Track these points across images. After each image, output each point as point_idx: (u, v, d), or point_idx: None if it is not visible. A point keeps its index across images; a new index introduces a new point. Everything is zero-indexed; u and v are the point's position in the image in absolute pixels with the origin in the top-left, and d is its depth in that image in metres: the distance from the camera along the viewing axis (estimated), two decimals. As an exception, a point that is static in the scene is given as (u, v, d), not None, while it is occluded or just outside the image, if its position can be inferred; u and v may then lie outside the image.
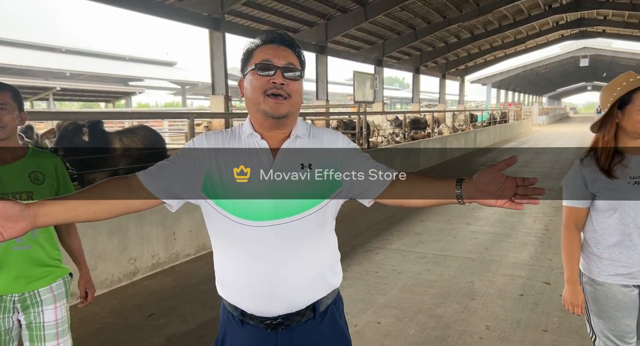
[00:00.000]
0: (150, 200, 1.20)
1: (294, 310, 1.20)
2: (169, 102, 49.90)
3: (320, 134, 1.28)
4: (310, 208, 1.19)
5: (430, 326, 2.99)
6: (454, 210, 6.40)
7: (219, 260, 1.25)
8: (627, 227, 1.69)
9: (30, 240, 1.74)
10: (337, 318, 1.29)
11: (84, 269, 1.99)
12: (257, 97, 1.18)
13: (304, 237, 1.19)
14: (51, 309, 1.79)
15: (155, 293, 3.65)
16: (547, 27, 21.35)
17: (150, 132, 6.29)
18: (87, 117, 5.63)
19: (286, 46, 1.22)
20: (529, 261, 4.24)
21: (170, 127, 16.22)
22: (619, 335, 1.73)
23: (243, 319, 1.23)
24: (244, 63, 1.24)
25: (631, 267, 1.70)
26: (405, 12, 14.25)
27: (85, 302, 1.98)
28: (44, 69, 18.92)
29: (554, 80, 49.65)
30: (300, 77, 1.21)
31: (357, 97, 10.93)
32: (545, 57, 36.66)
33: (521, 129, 24.80)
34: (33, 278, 1.74)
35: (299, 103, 1.22)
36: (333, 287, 1.28)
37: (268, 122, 1.19)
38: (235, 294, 1.23)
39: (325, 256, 1.26)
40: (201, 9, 9.45)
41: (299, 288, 1.20)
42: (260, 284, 1.18)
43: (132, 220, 3.89)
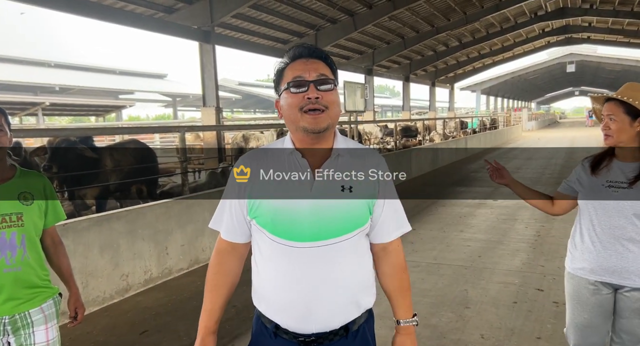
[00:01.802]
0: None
1: (328, 330, 1.22)
2: (159, 114, 49.76)
3: (363, 154, 1.27)
4: (349, 232, 1.21)
5: (425, 337, 2.99)
6: (446, 218, 6.43)
7: (259, 274, 1.27)
8: (591, 225, 1.85)
9: (20, 262, 1.72)
10: (368, 337, 1.31)
11: (74, 288, 1.98)
12: (294, 115, 1.18)
13: (342, 260, 1.21)
14: (42, 330, 1.77)
15: (148, 309, 3.61)
16: (534, 34, 21.71)
17: (140, 146, 6.27)
18: (77, 133, 5.59)
19: (315, 58, 1.21)
20: (522, 268, 4.26)
21: (162, 140, 16.17)
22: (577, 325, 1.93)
23: (277, 332, 1.24)
24: (277, 83, 1.23)
25: (591, 263, 1.85)
26: (394, 21, 14.43)
27: (75, 322, 1.96)
28: (33, 84, 18.82)
29: (542, 86, 50.30)
30: (335, 86, 1.21)
31: (348, 107, 10.98)
32: (532, 63, 37.21)
33: (511, 135, 25.04)
34: (23, 300, 1.73)
35: (337, 113, 1.22)
36: (366, 308, 1.30)
37: (309, 137, 1.19)
38: (272, 309, 1.24)
39: (361, 278, 1.27)
40: (191, 22, 9.49)
41: (334, 310, 1.21)
42: (296, 304, 1.20)
43: (124, 236, 3.86)
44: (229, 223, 1.29)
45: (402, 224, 1.35)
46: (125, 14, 8.75)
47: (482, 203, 7.38)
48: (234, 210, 1.27)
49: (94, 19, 8.28)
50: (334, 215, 1.18)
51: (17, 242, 1.71)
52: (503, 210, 6.80)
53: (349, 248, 1.21)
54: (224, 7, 9.42)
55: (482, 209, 6.94)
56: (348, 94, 11.19)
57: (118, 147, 6.01)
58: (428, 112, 25.19)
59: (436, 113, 24.70)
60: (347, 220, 1.20)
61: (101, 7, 8.30)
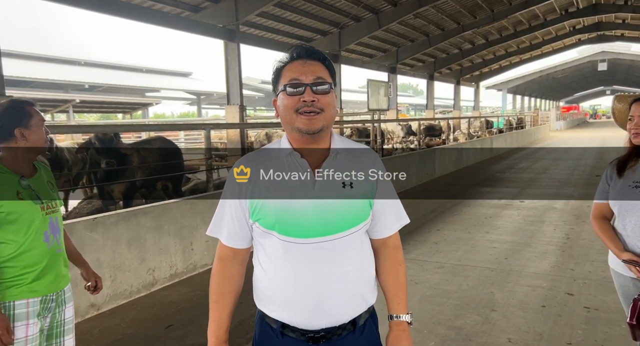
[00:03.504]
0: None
1: (337, 324, 1.23)
2: (184, 112, 50.60)
3: (359, 153, 1.30)
4: (354, 226, 1.24)
5: (450, 339, 2.94)
6: (471, 218, 6.32)
7: (262, 275, 1.27)
8: (622, 226, 1.88)
9: (62, 243, 1.94)
10: (375, 331, 1.33)
11: (86, 264, 2.14)
12: (290, 116, 1.19)
13: (349, 254, 1.23)
14: (70, 306, 1.96)
15: (173, 304, 3.67)
16: (564, 32, 21.11)
17: (166, 143, 6.37)
18: (106, 130, 5.73)
19: (313, 59, 1.22)
20: (551, 271, 4.15)
21: (186, 137, 16.44)
22: None
23: (283, 331, 1.24)
24: (275, 83, 1.25)
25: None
26: (418, 19, 14.25)
27: (97, 291, 2.12)
28: (64, 82, 19.38)
29: (571, 84, 48.94)
30: (331, 88, 1.22)
31: (371, 105, 10.91)
32: (561, 61, 36.20)
33: (538, 135, 24.46)
34: (63, 277, 1.92)
35: (332, 115, 1.23)
36: (371, 303, 1.32)
37: (304, 138, 1.21)
38: (279, 308, 1.24)
39: (367, 272, 1.30)
40: (216, 20, 9.59)
41: (343, 304, 1.23)
42: (307, 299, 1.21)
43: (150, 232, 3.93)
44: (230, 228, 1.28)
45: (401, 217, 1.36)
46: (152, 12, 8.91)
47: (509, 204, 7.22)
48: (235, 213, 1.26)
49: (123, 18, 8.46)
50: (338, 210, 1.21)
51: (60, 225, 1.92)
52: (530, 212, 6.64)
53: (354, 242, 1.24)
54: (249, 5, 9.48)
55: (508, 210, 6.80)
56: (371, 92, 11.12)
57: (144, 144, 6.12)
58: (452, 110, 24.81)
59: (461, 112, 24.31)
60: (351, 214, 1.23)
61: (130, 6, 8.48)
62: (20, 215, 1.75)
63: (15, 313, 1.74)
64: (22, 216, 1.75)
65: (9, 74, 13.47)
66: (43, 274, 1.82)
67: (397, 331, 1.33)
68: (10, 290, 1.74)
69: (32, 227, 1.79)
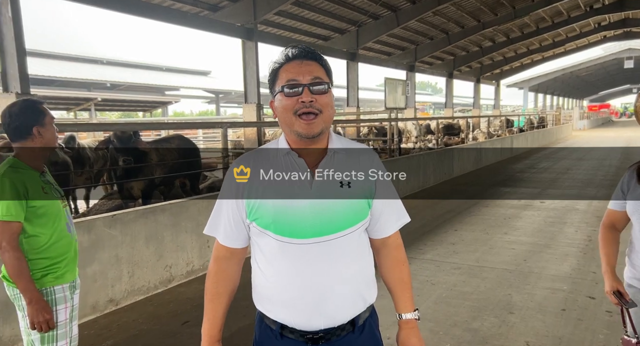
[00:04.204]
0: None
1: (336, 325, 1.22)
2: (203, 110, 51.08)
3: (357, 153, 1.29)
4: (351, 226, 1.23)
5: (466, 341, 2.90)
6: (490, 219, 6.23)
7: (260, 276, 1.27)
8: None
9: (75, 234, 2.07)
10: (375, 331, 1.32)
11: None
12: (289, 118, 1.19)
13: (347, 254, 1.23)
14: (77, 293, 2.08)
15: (189, 300, 3.71)
16: (589, 29, 20.57)
17: (184, 141, 6.44)
18: (126, 128, 5.82)
19: (310, 59, 1.21)
20: (571, 274, 4.06)
21: (205, 136, 16.61)
22: None
23: (282, 332, 1.24)
24: (272, 84, 1.24)
25: None
26: (438, 16, 14.09)
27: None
28: (87, 80, 19.77)
29: (595, 83, 47.75)
30: (329, 88, 1.21)
31: (389, 104, 10.84)
32: (586, 59, 35.28)
33: (560, 134, 23.95)
34: (76, 265, 2.06)
35: (331, 116, 1.22)
36: (370, 303, 1.31)
37: (302, 141, 1.21)
38: (277, 309, 1.24)
39: (365, 272, 1.29)
40: (234, 19, 9.65)
41: (342, 304, 1.22)
42: (305, 300, 1.20)
43: (168, 229, 3.98)
44: (227, 228, 1.28)
45: (401, 216, 1.35)
46: (172, 12, 9.02)
47: (528, 205, 7.09)
48: (232, 213, 1.26)
49: (144, 17, 8.58)
50: (336, 210, 1.20)
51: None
52: (551, 213, 6.50)
53: (352, 242, 1.23)
54: (267, 4, 9.51)
55: (528, 211, 6.67)
56: (389, 91, 11.06)
57: (163, 142, 6.19)
58: (472, 109, 24.48)
59: (480, 111, 23.96)
60: (348, 214, 1.21)
61: (150, 6, 8.60)
62: (47, 208, 1.87)
63: (56, 297, 1.90)
64: (49, 209, 1.88)
65: (33, 72, 13.82)
66: (71, 262, 1.98)
67: (406, 330, 1.33)
68: (47, 277, 1.88)
69: (58, 220, 1.92)
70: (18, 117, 1.85)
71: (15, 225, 1.77)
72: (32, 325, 1.78)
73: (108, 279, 3.48)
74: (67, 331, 1.92)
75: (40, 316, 1.76)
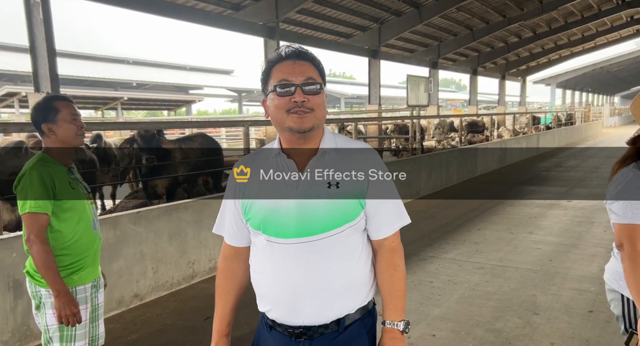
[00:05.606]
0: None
1: (318, 323, 1.23)
2: (226, 109, 51.63)
3: (350, 152, 1.27)
4: (336, 228, 1.21)
5: (489, 341, 2.86)
6: (514, 218, 6.10)
7: (252, 272, 1.33)
8: None
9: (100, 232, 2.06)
10: (364, 333, 1.28)
11: None
12: (281, 116, 1.19)
13: (329, 256, 1.21)
14: (102, 292, 2.07)
15: (211, 296, 3.73)
16: (620, 23, 19.84)
17: (207, 139, 6.53)
18: (151, 127, 5.94)
19: (303, 60, 1.22)
20: (599, 275, 3.93)
21: (227, 134, 16.80)
22: None
23: (272, 325, 1.28)
24: (264, 83, 1.25)
25: None
26: (461, 12, 13.85)
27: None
28: (114, 80, 20.25)
29: (627, 78, 46.09)
30: (321, 88, 1.21)
31: (411, 101, 10.72)
32: (617, 54, 34.08)
33: (589, 131, 23.26)
34: (99, 264, 2.06)
35: (323, 115, 1.23)
36: (361, 305, 1.27)
37: (295, 137, 1.21)
38: (266, 304, 1.28)
39: (354, 274, 1.26)
40: (256, 18, 9.71)
41: (320, 305, 1.22)
42: (284, 297, 1.23)
43: (190, 225, 4.05)
44: (230, 227, 1.33)
45: (398, 218, 1.30)
46: (195, 11, 9.13)
47: (555, 204, 6.91)
48: (233, 213, 1.31)
49: (168, 17, 8.72)
50: (320, 211, 1.19)
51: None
52: (578, 212, 6.33)
53: (338, 244, 1.21)
54: (289, 2, 9.53)
55: (555, 210, 6.51)
56: (411, 88, 10.92)
57: (186, 140, 6.29)
58: (497, 106, 24.00)
59: (506, 108, 23.47)
60: (334, 215, 1.20)
61: (174, 6, 8.73)
62: (73, 204, 1.87)
63: (78, 298, 1.89)
64: (74, 205, 1.88)
65: (63, 72, 14.21)
66: (93, 260, 1.97)
67: (386, 339, 1.27)
68: (71, 276, 1.88)
69: (84, 216, 1.92)
70: (32, 115, 1.91)
71: (43, 217, 1.78)
72: (60, 318, 1.79)
73: (133, 275, 3.57)
74: (86, 331, 1.91)
75: (68, 309, 1.78)
